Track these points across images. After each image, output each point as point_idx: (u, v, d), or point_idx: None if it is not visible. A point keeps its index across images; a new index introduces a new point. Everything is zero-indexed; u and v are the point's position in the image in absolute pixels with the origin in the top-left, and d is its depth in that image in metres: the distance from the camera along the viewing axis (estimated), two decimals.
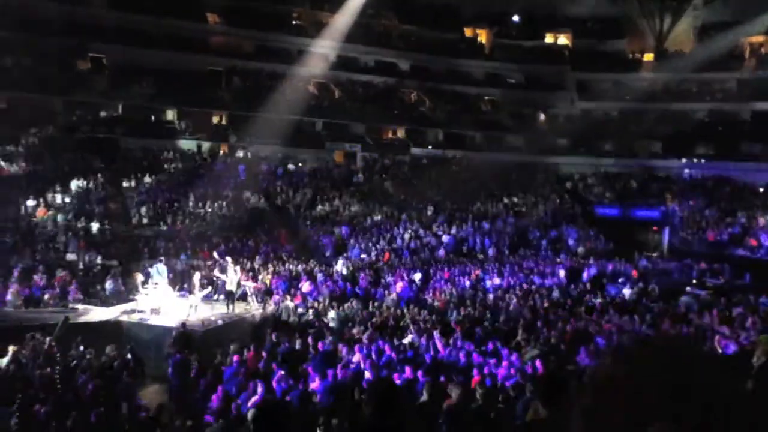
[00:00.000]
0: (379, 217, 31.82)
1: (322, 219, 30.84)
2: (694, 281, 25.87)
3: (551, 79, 45.47)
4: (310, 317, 19.08)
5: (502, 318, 19.11)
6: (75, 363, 13.30)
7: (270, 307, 19.72)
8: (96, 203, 27.07)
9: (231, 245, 26.36)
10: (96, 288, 20.47)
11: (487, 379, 11.18)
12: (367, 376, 11.90)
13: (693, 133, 40.68)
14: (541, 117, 44.82)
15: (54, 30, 32.11)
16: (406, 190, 35.53)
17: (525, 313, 19.27)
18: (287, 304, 19.92)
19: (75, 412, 9.37)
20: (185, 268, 22.47)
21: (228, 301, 18.70)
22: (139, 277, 19.48)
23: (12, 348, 12.92)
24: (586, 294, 23.08)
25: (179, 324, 15.52)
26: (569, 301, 21.53)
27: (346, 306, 19.98)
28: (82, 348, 13.99)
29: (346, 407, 9.41)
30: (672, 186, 38.07)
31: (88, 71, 34.83)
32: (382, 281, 23.83)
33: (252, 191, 31.58)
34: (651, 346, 1.05)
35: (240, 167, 33.52)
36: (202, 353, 14.10)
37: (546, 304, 21.02)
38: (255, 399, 10.25)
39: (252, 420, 3.48)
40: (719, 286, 24.83)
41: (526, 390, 9.06)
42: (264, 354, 14.19)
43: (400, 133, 43.17)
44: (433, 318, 18.94)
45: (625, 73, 43.92)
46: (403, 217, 32.04)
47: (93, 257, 22.85)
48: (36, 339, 13.65)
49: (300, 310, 19.92)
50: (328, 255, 27.43)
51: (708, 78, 42.37)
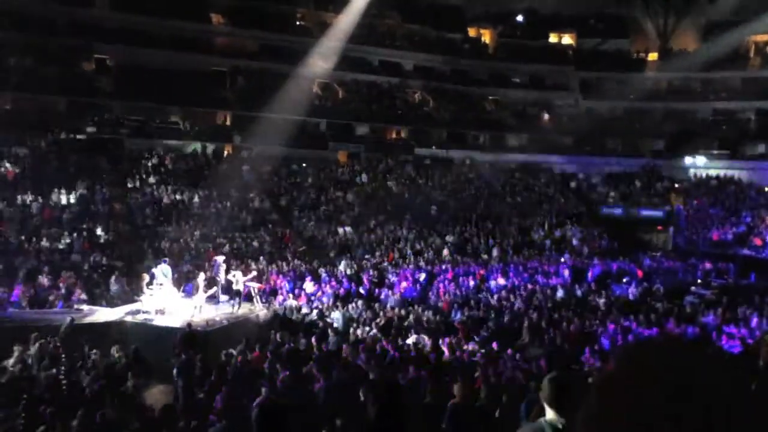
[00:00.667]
0: (383, 218, 31.81)
1: (326, 219, 30.85)
2: (698, 281, 25.82)
3: (555, 79, 45.44)
4: (314, 317, 19.11)
5: (506, 318, 19.12)
6: (80, 364, 13.35)
7: (274, 307, 19.74)
8: (101, 204, 27.13)
9: (235, 246, 26.42)
10: (101, 289, 20.53)
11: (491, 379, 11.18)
12: (371, 376, 11.91)
13: (697, 132, 40.60)
14: (545, 116, 44.75)
15: (58, 31, 32.24)
16: (409, 190, 35.52)
17: (529, 314, 19.27)
18: (290, 303, 19.95)
19: (80, 412, 9.39)
20: (190, 268, 22.53)
21: (234, 301, 18.71)
22: (145, 278, 19.52)
23: (17, 348, 12.96)
24: (590, 294, 23.06)
25: (184, 324, 15.54)
26: (573, 301, 21.52)
27: (350, 306, 19.99)
28: (87, 348, 14.02)
29: (350, 407, 9.41)
30: (676, 185, 37.99)
31: (92, 72, 34.92)
32: (386, 281, 23.84)
33: (256, 192, 31.61)
34: (654, 346, 1.03)
35: (244, 168, 33.58)
36: (206, 354, 14.11)
37: (550, 304, 21.02)
38: (259, 399, 10.26)
39: (255, 420, 3.49)
40: (724, 285, 24.78)
41: (529, 389, 9.07)
42: (268, 354, 14.21)
43: (403, 133, 43.16)
44: (437, 318, 18.94)
45: (629, 73, 43.82)
46: (407, 217, 32.03)
47: (98, 258, 22.91)
48: (41, 340, 13.67)
49: (304, 310, 19.97)
50: (332, 255, 27.45)
51: (712, 77, 42.33)
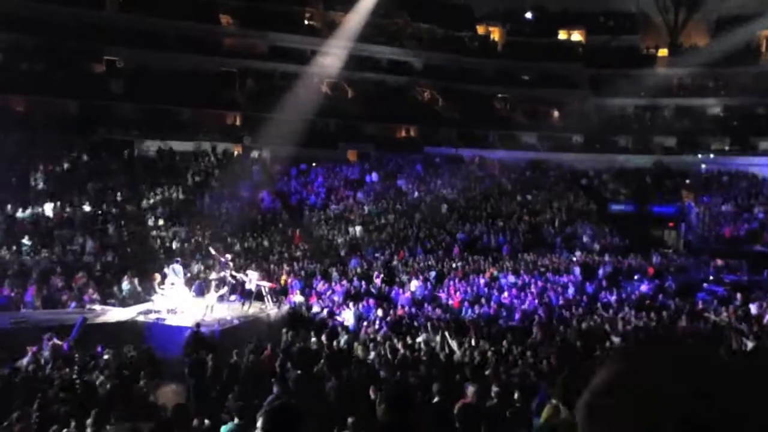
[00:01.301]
0: (393, 216, 31.83)
1: (336, 218, 30.91)
2: (711, 278, 25.68)
3: (565, 76, 45.23)
4: (324, 316, 19.16)
5: (517, 316, 19.10)
6: (93, 363, 13.45)
7: (285, 307, 19.79)
8: (112, 205, 27.29)
9: (246, 245, 26.53)
10: (113, 289, 20.66)
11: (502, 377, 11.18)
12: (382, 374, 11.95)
13: (709, 128, 40.36)
14: (555, 114, 44.62)
15: (68, 34, 32.42)
16: (419, 188, 35.51)
17: (540, 311, 19.25)
18: (298, 299, 20.06)
19: (93, 412, 9.46)
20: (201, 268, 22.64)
21: (245, 301, 18.78)
22: (157, 278, 19.61)
23: (31, 349, 13.08)
24: (601, 291, 23.00)
25: (195, 324, 15.61)
26: (584, 299, 21.47)
27: (360, 305, 20.03)
28: (99, 348, 14.12)
29: (360, 406, 9.44)
30: (688, 182, 37.78)
31: (102, 74, 35.12)
32: (396, 280, 23.86)
33: (266, 192, 31.70)
34: (663, 345, 0.99)
35: (254, 168, 33.71)
36: (218, 353, 14.18)
37: (561, 301, 20.98)
38: (270, 399, 10.31)
39: (265, 419, 3.52)
40: (736, 282, 24.64)
41: (540, 388, 9.06)
42: (280, 353, 14.27)
43: (413, 132, 43.15)
44: (448, 317, 18.94)
45: (640, 69, 43.57)
46: (417, 216, 32.04)
47: (110, 258, 23.05)
48: (55, 340, 13.79)
49: (315, 309, 20.02)
50: (342, 254, 27.50)
51: (723, 72, 42.00)
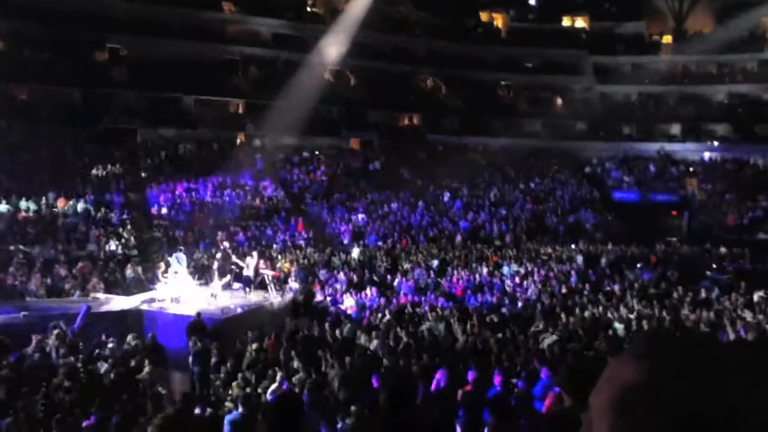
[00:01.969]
0: (396, 204, 31.84)
1: (339, 206, 30.92)
2: (714, 266, 25.65)
3: (569, 63, 45.00)
4: (327, 304, 19.21)
5: (519, 304, 19.12)
6: (97, 352, 13.52)
7: (288, 295, 19.84)
8: (116, 193, 27.33)
9: (249, 233, 26.57)
10: (116, 277, 20.72)
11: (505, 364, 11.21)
12: (385, 363, 11.98)
13: (713, 116, 40.20)
14: (559, 101, 44.46)
15: (71, 22, 32.35)
16: (422, 176, 35.49)
17: (543, 299, 19.26)
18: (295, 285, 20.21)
19: (98, 400, 9.53)
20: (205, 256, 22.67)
21: (246, 288, 18.85)
22: (162, 267, 19.66)
23: (35, 337, 13.14)
24: (604, 279, 22.99)
25: (198, 312, 15.66)
26: (587, 287, 21.47)
27: (363, 293, 20.07)
28: (104, 337, 14.19)
29: (364, 394, 9.48)
30: (691, 170, 37.69)
31: (105, 62, 35.07)
32: (399, 268, 23.90)
33: (269, 180, 31.72)
34: (676, 343, 0.96)
35: (257, 156, 33.73)
36: (222, 341, 14.24)
37: (564, 290, 20.98)
38: (274, 387, 10.36)
39: (270, 408, 3.54)
40: (740, 270, 24.60)
41: (543, 376, 9.09)
42: (283, 342, 14.33)
43: (416, 120, 43.06)
44: (451, 305, 18.98)
45: (644, 56, 43.37)
46: (420, 204, 32.05)
47: (113, 247, 23.11)
48: (59, 328, 13.85)
49: (318, 297, 20.07)
50: (345, 242, 27.54)
51: (728, 60, 41.78)
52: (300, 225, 28.62)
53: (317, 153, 36.37)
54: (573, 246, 28.42)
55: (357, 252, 25.35)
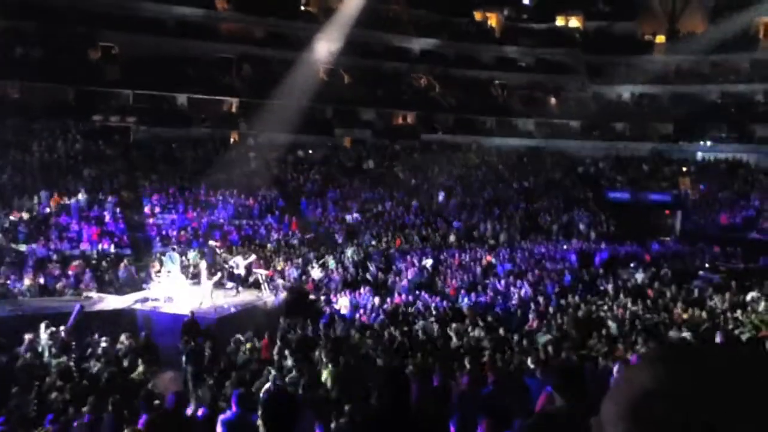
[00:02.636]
0: (390, 204, 31.82)
1: (332, 205, 30.88)
2: (707, 265, 25.75)
3: (562, 63, 45.12)
4: (321, 304, 19.20)
5: (513, 303, 19.14)
6: (90, 351, 13.48)
7: (282, 295, 19.81)
8: (109, 192, 27.22)
9: (242, 233, 26.51)
10: (109, 277, 20.65)
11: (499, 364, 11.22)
12: (379, 362, 11.99)
13: (706, 116, 40.33)
14: (553, 101, 44.53)
15: (64, 19, 32.21)
16: (416, 175, 35.49)
17: (537, 299, 19.29)
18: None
19: (91, 399, 9.49)
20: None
21: (236, 286, 18.85)
22: (156, 266, 19.60)
23: (28, 336, 13.09)
24: (597, 278, 23.04)
25: (192, 312, 15.64)
26: (581, 286, 21.51)
27: (357, 293, 20.06)
28: (96, 336, 14.15)
29: (357, 394, 9.48)
30: (685, 169, 37.80)
31: (98, 60, 34.92)
32: (393, 268, 23.89)
33: (263, 179, 31.65)
34: (690, 351, 0.93)
35: (251, 155, 33.67)
36: (215, 341, 14.22)
37: (557, 289, 21.02)
38: (267, 386, 10.35)
39: (262, 407, 3.54)
40: (732, 269, 24.71)
41: (537, 376, 9.10)
42: (277, 341, 14.31)
43: (410, 119, 43.05)
44: (445, 304, 18.99)
45: (637, 56, 43.46)
46: (414, 203, 32.04)
47: (106, 246, 23.02)
48: (51, 328, 13.80)
49: (312, 296, 20.05)
50: (339, 242, 27.51)
51: (721, 59, 41.89)
52: (294, 224, 28.57)
53: (311, 152, 36.29)
54: (566, 245, 28.46)
55: (351, 251, 25.33)
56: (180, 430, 7.14)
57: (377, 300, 19.27)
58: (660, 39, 44.87)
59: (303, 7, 41.55)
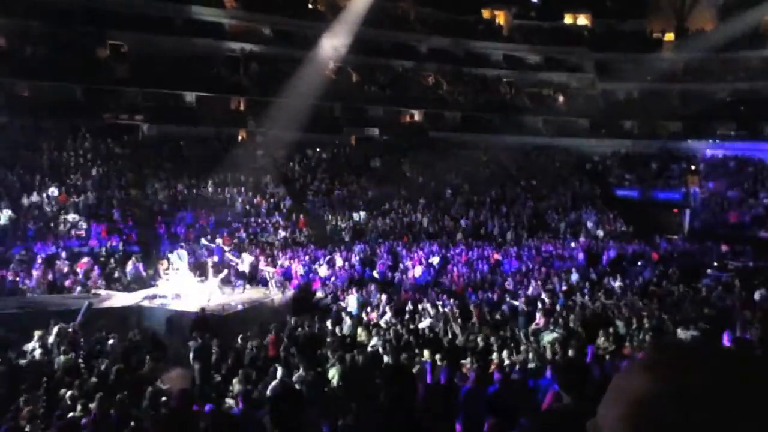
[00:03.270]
0: (397, 201, 31.82)
1: (340, 203, 30.90)
2: (715, 263, 25.62)
3: (570, 60, 45.00)
4: (328, 301, 19.22)
5: (520, 302, 19.09)
6: (98, 348, 13.54)
7: (289, 292, 19.85)
8: (117, 189, 27.33)
9: (250, 230, 26.57)
10: (118, 274, 20.74)
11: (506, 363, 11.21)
12: (386, 360, 11.99)
13: (715, 113, 40.13)
14: (561, 98, 44.41)
15: (73, 18, 32.35)
16: (424, 173, 35.46)
17: (544, 297, 19.23)
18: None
19: (98, 396, 9.53)
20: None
21: (243, 284, 18.89)
22: (164, 264, 19.63)
23: (37, 333, 13.17)
24: (605, 277, 22.97)
25: (200, 309, 15.69)
26: (588, 285, 21.44)
27: (364, 290, 20.07)
28: (105, 333, 14.21)
29: (364, 391, 9.48)
30: (693, 167, 37.62)
31: (107, 59, 35.05)
32: (400, 265, 23.89)
33: (270, 176, 31.71)
34: (688, 353, 0.92)
35: (258, 153, 33.74)
36: (223, 338, 14.26)
37: (565, 287, 20.95)
38: (275, 384, 10.38)
39: (270, 404, 3.55)
40: (741, 268, 24.58)
41: (543, 374, 9.09)
42: (284, 338, 14.34)
43: (417, 117, 43.02)
44: (452, 302, 18.97)
45: (646, 53, 43.30)
46: (421, 201, 32.03)
47: (114, 243, 23.12)
48: (60, 325, 13.87)
49: (319, 294, 20.08)
50: (346, 239, 27.53)
51: (730, 57, 41.67)
52: (301, 222, 28.61)
53: (318, 150, 36.32)
54: (574, 243, 28.39)
55: (358, 249, 25.35)
56: (188, 426, 7.17)
57: (384, 297, 19.27)
58: (669, 36, 44.72)
59: (311, 5, 41.60)
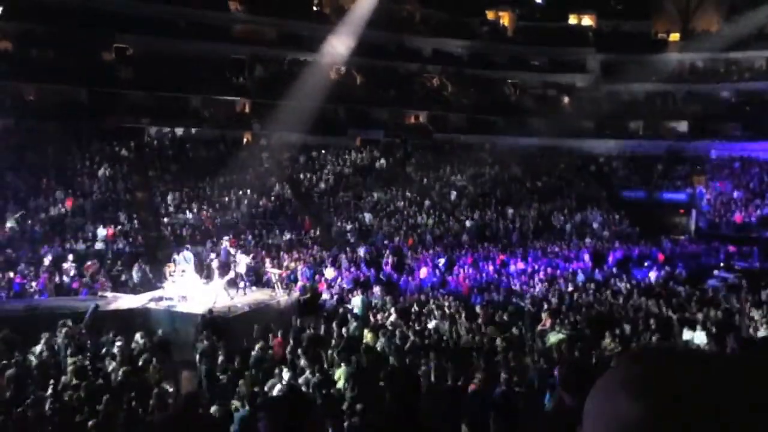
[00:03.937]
0: (402, 203, 31.83)
1: (345, 205, 30.93)
2: (721, 264, 25.55)
3: (575, 61, 44.91)
4: (334, 303, 19.23)
5: (526, 303, 19.09)
6: (105, 350, 13.58)
7: (295, 294, 19.86)
8: (123, 192, 27.43)
9: (255, 233, 26.61)
10: (124, 276, 20.81)
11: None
12: (392, 361, 12.00)
13: (721, 114, 40.01)
14: (566, 99, 44.33)
15: (78, 21, 32.47)
16: (428, 175, 35.47)
17: (550, 298, 19.24)
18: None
19: (105, 398, 9.57)
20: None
21: (245, 286, 18.93)
22: (171, 266, 19.64)
23: (44, 335, 13.21)
24: (611, 278, 22.94)
25: (206, 311, 15.72)
26: (594, 286, 21.42)
27: (369, 292, 20.07)
28: (111, 335, 14.24)
29: (370, 393, 9.50)
30: (699, 168, 37.52)
31: (112, 62, 35.17)
32: (405, 267, 23.89)
33: (276, 179, 31.76)
34: (669, 366, 0.86)
35: (263, 155, 33.81)
36: (229, 339, 14.28)
37: (571, 288, 20.94)
38: (281, 386, 10.39)
39: (275, 406, 3.55)
40: (748, 269, 24.51)
41: (549, 375, 9.09)
42: (290, 340, 14.36)
43: (422, 119, 43.01)
44: (457, 303, 18.97)
45: (651, 54, 43.19)
46: (426, 203, 32.03)
47: (121, 246, 23.20)
48: (67, 327, 13.92)
49: (324, 296, 20.09)
50: (351, 241, 27.55)
51: (736, 57, 41.59)
52: (306, 224, 28.64)
53: (323, 152, 36.35)
54: (579, 244, 28.34)
55: (364, 251, 25.36)
56: (193, 428, 7.19)
57: (389, 299, 19.28)
58: (674, 37, 44.57)
59: (315, 8, 41.63)
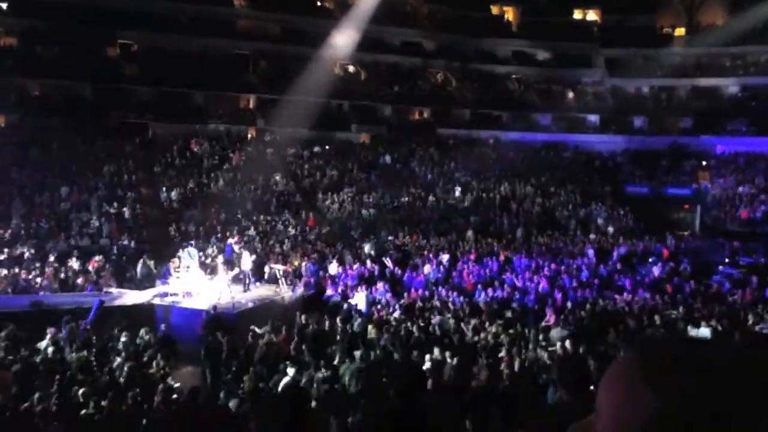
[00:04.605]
0: (406, 199, 31.81)
1: (349, 201, 30.92)
2: (726, 260, 25.48)
3: (580, 56, 44.78)
4: (338, 299, 19.25)
5: (530, 299, 19.08)
6: (110, 346, 13.63)
7: (299, 290, 19.88)
8: (128, 188, 27.48)
9: (260, 229, 26.63)
10: (129, 272, 20.85)
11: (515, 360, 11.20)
12: (396, 357, 12.01)
13: (726, 109, 39.86)
14: (570, 95, 44.22)
15: (83, 18, 32.51)
16: (433, 170, 35.43)
17: (554, 294, 19.22)
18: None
19: (110, 394, 9.60)
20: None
21: (247, 282, 18.97)
22: (176, 262, 19.68)
23: (50, 331, 13.26)
24: (615, 274, 22.89)
25: (210, 307, 15.76)
26: (598, 282, 21.38)
27: (374, 288, 20.08)
28: (116, 331, 14.29)
29: (374, 389, 9.51)
30: (704, 163, 37.39)
31: (117, 58, 35.22)
32: (410, 263, 23.87)
33: (280, 174, 31.78)
34: (681, 359, 0.83)
35: (268, 151, 33.83)
36: (233, 335, 14.31)
37: (575, 284, 20.91)
38: (285, 381, 10.42)
39: (278, 402, 3.56)
40: (753, 264, 24.43)
41: (553, 371, 9.09)
42: (294, 336, 14.39)
43: (426, 114, 42.96)
44: (461, 300, 18.97)
45: (656, 49, 43.02)
46: (431, 198, 32.00)
47: (126, 242, 23.25)
48: (73, 323, 13.96)
49: (329, 291, 20.11)
50: (355, 237, 27.54)
51: (741, 52, 41.40)
52: (311, 220, 28.65)
53: (327, 147, 36.35)
54: (584, 240, 28.27)
55: (368, 247, 25.35)
56: (198, 423, 7.22)
57: (394, 295, 19.29)
58: (679, 32, 44.42)
59: (319, 3, 41.60)
